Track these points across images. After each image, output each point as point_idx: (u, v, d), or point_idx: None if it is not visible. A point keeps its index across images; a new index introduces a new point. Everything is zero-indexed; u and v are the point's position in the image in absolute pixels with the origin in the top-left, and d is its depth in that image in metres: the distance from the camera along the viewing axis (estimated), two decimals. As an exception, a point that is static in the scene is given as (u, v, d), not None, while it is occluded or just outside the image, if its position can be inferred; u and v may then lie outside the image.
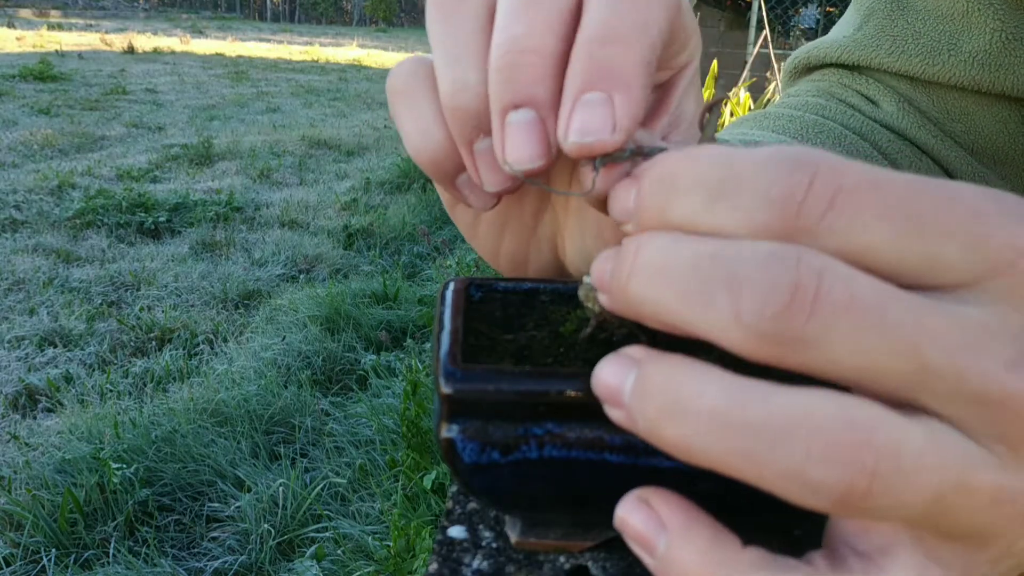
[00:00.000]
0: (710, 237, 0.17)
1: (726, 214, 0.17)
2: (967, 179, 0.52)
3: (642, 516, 0.19)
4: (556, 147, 0.22)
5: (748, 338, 0.16)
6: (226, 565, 1.72)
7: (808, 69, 0.59)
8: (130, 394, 2.38)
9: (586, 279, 0.23)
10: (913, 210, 0.17)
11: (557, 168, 0.29)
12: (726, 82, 4.49)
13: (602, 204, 0.22)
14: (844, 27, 0.57)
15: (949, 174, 0.52)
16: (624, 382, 0.18)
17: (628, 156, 0.22)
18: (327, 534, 1.77)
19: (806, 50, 0.59)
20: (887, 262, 0.17)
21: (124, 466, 1.90)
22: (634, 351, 0.19)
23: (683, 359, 0.17)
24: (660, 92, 0.27)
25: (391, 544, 1.62)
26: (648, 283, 0.18)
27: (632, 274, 0.18)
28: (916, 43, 0.51)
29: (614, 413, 0.19)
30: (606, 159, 0.22)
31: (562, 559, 0.27)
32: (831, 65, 0.57)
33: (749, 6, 5.44)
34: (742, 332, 0.16)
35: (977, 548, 0.17)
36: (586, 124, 0.21)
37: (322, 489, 1.90)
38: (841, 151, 0.50)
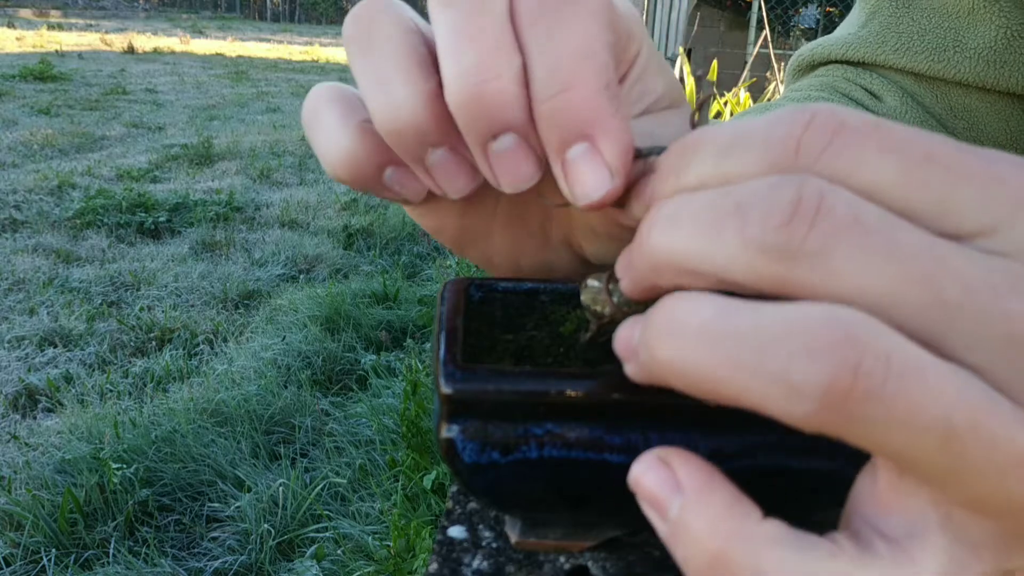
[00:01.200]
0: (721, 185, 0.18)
1: (733, 165, 0.18)
2: None
3: (658, 475, 0.18)
4: (544, 157, 0.22)
5: (754, 258, 0.16)
6: (226, 565, 1.72)
7: (813, 66, 0.59)
8: (130, 394, 2.38)
9: (589, 282, 0.23)
10: (921, 150, 0.16)
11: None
12: (726, 82, 4.48)
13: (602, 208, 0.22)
14: (849, 25, 0.57)
15: None
16: (635, 332, 0.18)
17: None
18: (327, 534, 1.77)
19: (811, 47, 0.59)
20: (892, 204, 0.16)
21: (124, 466, 1.90)
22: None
23: (687, 292, 0.17)
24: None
25: (391, 544, 1.62)
26: (666, 229, 0.18)
27: (653, 225, 0.18)
28: (921, 40, 0.51)
29: (628, 367, 0.19)
30: None
31: (562, 559, 0.27)
32: (836, 62, 0.57)
33: (749, 6, 5.44)
34: (748, 253, 0.16)
35: (1013, 530, 0.16)
36: (584, 186, 0.21)
37: (322, 489, 1.90)
38: None
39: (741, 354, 0.15)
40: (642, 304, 0.20)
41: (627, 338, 0.19)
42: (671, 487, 0.18)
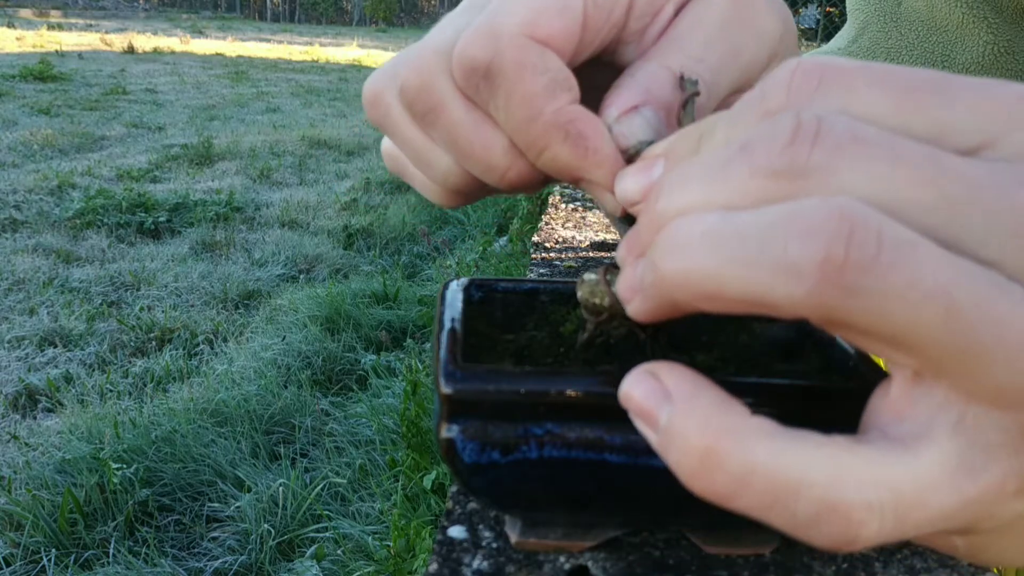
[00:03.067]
0: None
1: (739, 126, 0.18)
2: None
3: (647, 387, 0.18)
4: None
5: (763, 184, 0.16)
6: (226, 565, 1.72)
7: None
8: (130, 394, 2.38)
9: (586, 276, 0.23)
10: (907, 80, 0.17)
11: None
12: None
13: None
14: (841, 38, 0.58)
15: None
16: (637, 268, 0.19)
17: (629, 158, 0.23)
18: (327, 534, 1.77)
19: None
20: (892, 129, 0.16)
21: (124, 466, 1.90)
22: None
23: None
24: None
25: (391, 544, 1.62)
26: (675, 186, 0.18)
27: (661, 189, 0.19)
28: (910, 55, 0.52)
29: (631, 306, 0.20)
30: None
31: (562, 559, 0.27)
32: None
33: (749, 6, 5.43)
34: (758, 181, 0.17)
35: None
36: (607, 204, 0.23)
37: (322, 489, 1.90)
38: None
39: (743, 248, 0.16)
40: None
41: (630, 277, 0.19)
42: (660, 396, 0.18)
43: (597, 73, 0.26)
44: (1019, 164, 0.16)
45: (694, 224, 0.17)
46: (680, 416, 0.17)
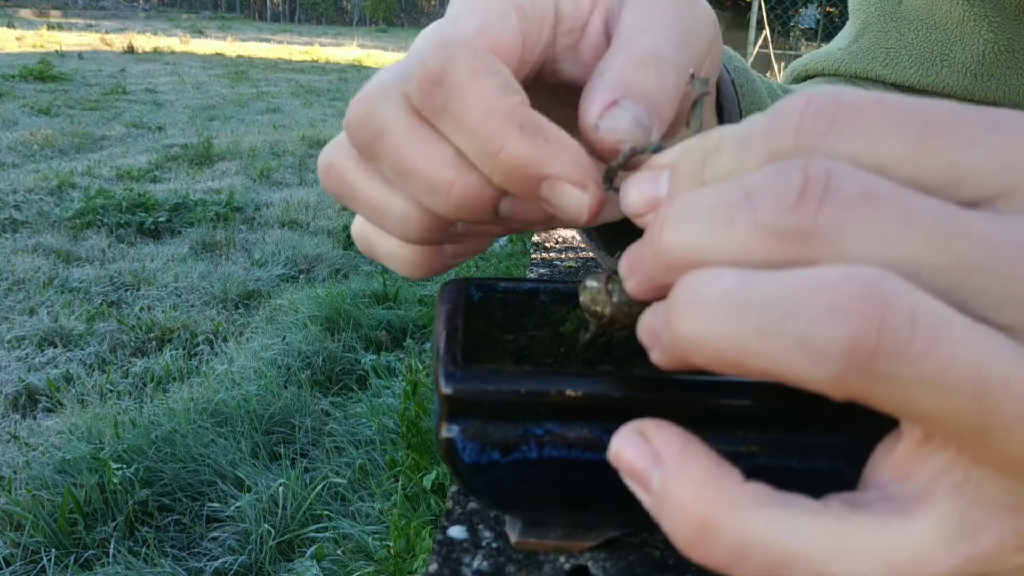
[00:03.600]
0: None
1: (741, 160, 0.18)
2: None
3: (637, 448, 0.18)
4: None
5: (769, 243, 0.16)
6: (226, 565, 1.72)
7: (806, 77, 0.61)
8: (130, 394, 2.38)
9: (588, 282, 0.23)
10: (926, 120, 0.16)
11: None
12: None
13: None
14: (842, 38, 0.58)
15: None
16: (658, 318, 0.18)
17: (625, 161, 0.23)
18: (327, 534, 1.77)
19: (804, 61, 0.60)
20: (903, 179, 0.16)
21: (124, 466, 1.90)
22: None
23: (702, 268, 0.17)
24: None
25: (391, 544, 1.62)
26: (679, 225, 0.18)
27: (664, 223, 0.18)
28: (910, 54, 0.52)
29: (654, 355, 0.19)
30: (609, 174, 0.23)
31: (562, 559, 0.27)
32: (828, 75, 0.58)
33: (749, 6, 5.44)
34: (763, 238, 0.16)
35: None
36: (570, 212, 0.22)
37: (322, 489, 1.90)
38: None
39: (764, 320, 0.15)
40: (643, 304, 0.20)
41: (650, 325, 0.18)
42: (650, 459, 0.18)
43: (545, 98, 0.26)
44: None
45: (711, 284, 0.16)
46: (672, 482, 0.17)
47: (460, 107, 0.21)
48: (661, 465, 0.17)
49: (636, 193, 0.20)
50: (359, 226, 0.27)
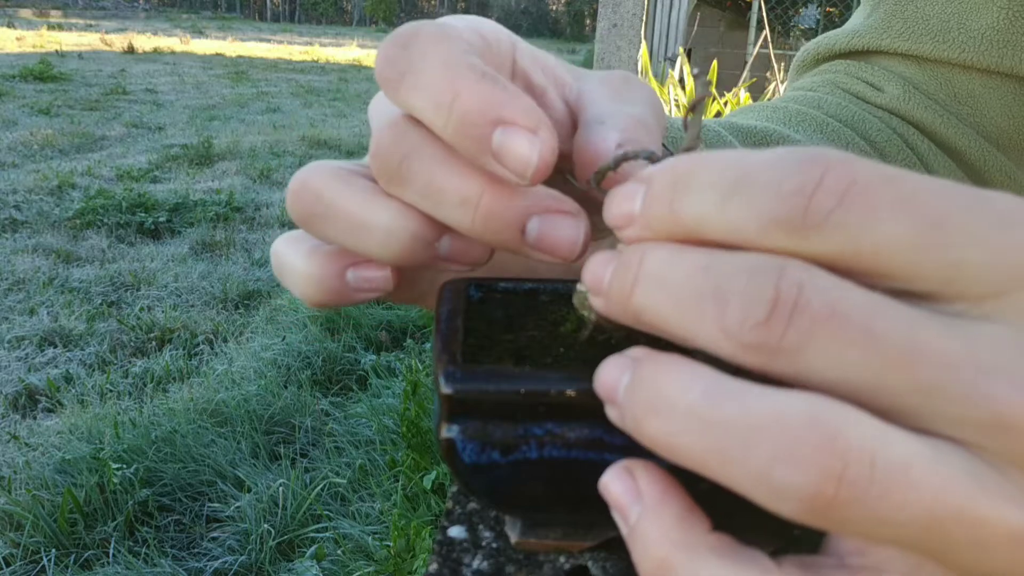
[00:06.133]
0: (707, 248, 0.18)
1: (738, 211, 0.17)
2: (973, 158, 0.52)
3: (623, 485, 0.19)
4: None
5: (735, 348, 0.16)
6: (226, 565, 1.72)
7: (817, 61, 0.60)
8: (130, 394, 2.38)
9: (579, 286, 0.23)
10: (934, 210, 0.16)
11: None
12: (726, 82, 4.48)
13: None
14: (858, 17, 0.58)
15: (955, 153, 0.53)
16: (620, 380, 0.18)
17: (615, 165, 0.23)
18: (327, 534, 1.77)
19: (816, 42, 0.59)
20: (900, 267, 0.16)
21: (124, 466, 1.91)
22: (635, 352, 0.19)
23: (676, 359, 0.17)
24: None
25: (391, 544, 1.62)
26: (650, 292, 0.18)
27: (637, 282, 0.18)
28: (926, 24, 0.52)
29: (611, 411, 0.19)
30: (597, 175, 0.23)
31: (562, 559, 0.27)
32: (840, 55, 0.58)
33: (749, 6, 5.44)
34: (729, 343, 0.16)
35: None
36: (519, 159, 0.21)
37: (322, 489, 1.90)
38: (822, 139, 0.50)
39: (727, 445, 0.16)
40: None
41: (608, 382, 0.19)
42: (633, 495, 0.19)
43: None
44: (1013, 330, 0.15)
45: (678, 393, 0.17)
46: (646, 521, 0.18)
47: (421, 60, 0.21)
48: (640, 503, 0.19)
49: (616, 207, 0.20)
50: (280, 245, 0.27)
